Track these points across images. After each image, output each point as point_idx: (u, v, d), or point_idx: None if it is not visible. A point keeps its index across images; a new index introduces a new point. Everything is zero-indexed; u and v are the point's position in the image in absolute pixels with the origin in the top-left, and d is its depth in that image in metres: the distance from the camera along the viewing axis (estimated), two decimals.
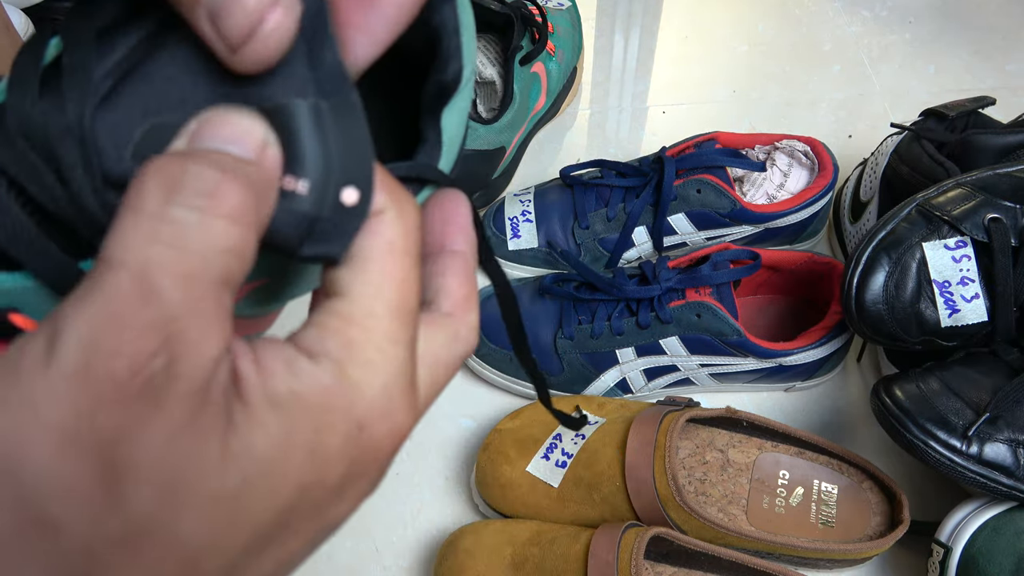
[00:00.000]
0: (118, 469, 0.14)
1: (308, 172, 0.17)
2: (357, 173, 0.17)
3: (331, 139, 0.17)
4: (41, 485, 0.14)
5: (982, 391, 0.50)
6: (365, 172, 0.18)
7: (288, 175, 0.17)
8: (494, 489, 0.56)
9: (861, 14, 0.96)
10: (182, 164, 0.15)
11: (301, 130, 0.17)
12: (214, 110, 0.16)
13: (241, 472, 0.16)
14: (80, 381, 0.14)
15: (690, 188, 0.65)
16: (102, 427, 0.14)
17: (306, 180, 0.17)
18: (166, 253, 0.15)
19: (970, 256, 0.51)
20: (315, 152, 0.17)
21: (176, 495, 0.15)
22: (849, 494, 0.56)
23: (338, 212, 0.17)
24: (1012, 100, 0.84)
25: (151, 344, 0.14)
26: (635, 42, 0.94)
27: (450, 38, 0.20)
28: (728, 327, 0.58)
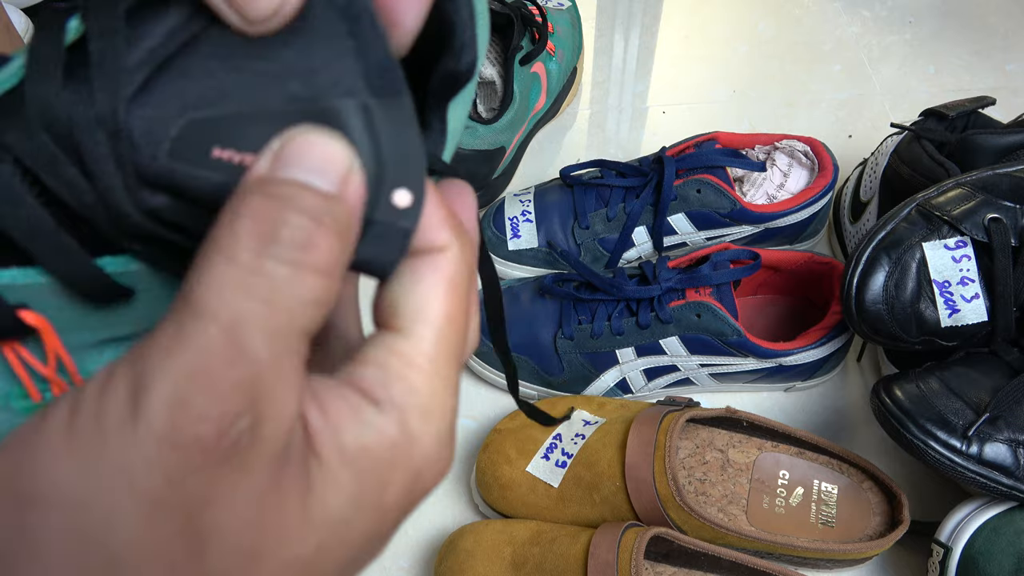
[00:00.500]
0: (203, 536, 0.14)
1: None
2: (409, 175, 0.17)
3: (382, 139, 0.17)
4: (131, 553, 0.14)
5: (982, 391, 0.50)
6: (417, 174, 0.17)
7: None
8: (494, 489, 0.56)
9: (861, 14, 0.96)
10: (278, 211, 0.15)
11: (351, 131, 0.16)
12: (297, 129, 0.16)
13: (317, 536, 0.15)
14: (170, 446, 0.14)
15: (690, 188, 0.65)
16: (190, 493, 0.14)
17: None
18: (258, 309, 0.14)
19: (970, 256, 0.51)
20: (366, 153, 0.16)
21: (257, 562, 0.15)
22: (849, 494, 0.56)
23: (390, 214, 0.17)
24: (1012, 100, 0.84)
25: (238, 405, 0.14)
26: (635, 42, 0.94)
27: (465, 28, 0.19)
28: (728, 327, 0.58)
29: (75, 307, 0.18)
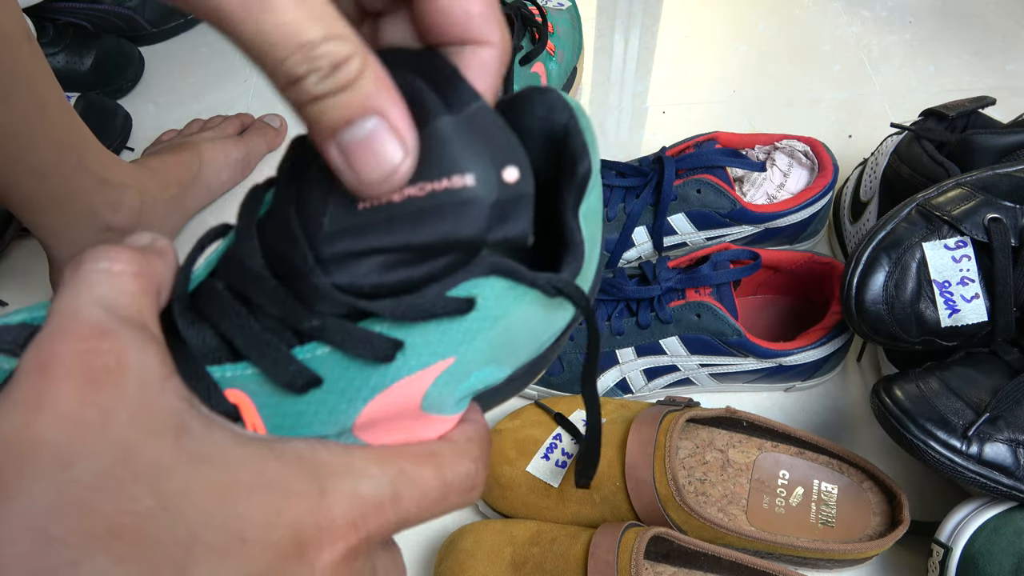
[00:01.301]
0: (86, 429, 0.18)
1: (468, 167, 0.20)
2: (510, 155, 0.21)
3: (477, 137, 0.21)
4: None
5: (982, 391, 0.50)
6: (516, 152, 0.21)
7: (455, 175, 0.20)
8: (494, 489, 0.56)
9: (861, 14, 0.96)
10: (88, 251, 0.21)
11: (447, 139, 0.20)
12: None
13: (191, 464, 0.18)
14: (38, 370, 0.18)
15: (690, 188, 0.65)
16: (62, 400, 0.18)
17: (470, 173, 0.20)
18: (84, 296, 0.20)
19: (970, 256, 0.51)
20: (466, 150, 0.21)
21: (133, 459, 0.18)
22: (849, 494, 0.56)
23: (506, 190, 0.21)
24: (1012, 100, 0.84)
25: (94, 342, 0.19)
26: (635, 42, 0.94)
27: (576, 139, 0.24)
28: (728, 327, 0.58)
29: (276, 401, 0.22)
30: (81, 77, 0.86)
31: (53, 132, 0.59)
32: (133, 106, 0.87)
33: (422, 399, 0.23)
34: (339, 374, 0.22)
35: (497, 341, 0.23)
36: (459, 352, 0.23)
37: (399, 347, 0.22)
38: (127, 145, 0.84)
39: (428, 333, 0.22)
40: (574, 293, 0.24)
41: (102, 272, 0.20)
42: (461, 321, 0.22)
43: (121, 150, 0.83)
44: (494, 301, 0.22)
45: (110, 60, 0.88)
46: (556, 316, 0.25)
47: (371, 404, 0.22)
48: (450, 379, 0.23)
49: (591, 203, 0.25)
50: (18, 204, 0.61)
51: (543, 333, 0.25)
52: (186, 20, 0.96)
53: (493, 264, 0.22)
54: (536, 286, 0.23)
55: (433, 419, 0.24)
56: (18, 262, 0.77)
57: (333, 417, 0.22)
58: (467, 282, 0.22)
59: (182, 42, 0.95)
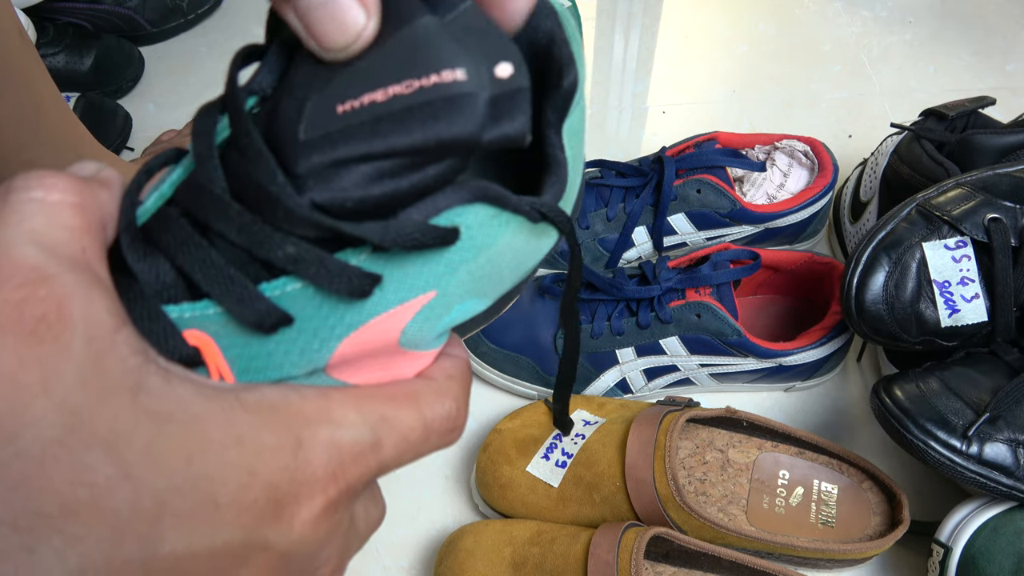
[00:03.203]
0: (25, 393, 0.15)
1: (458, 61, 0.19)
2: (502, 50, 0.20)
3: (467, 35, 0.19)
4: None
5: (982, 391, 0.50)
6: (509, 48, 0.20)
7: (445, 70, 0.19)
8: (494, 489, 0.56)
9: (861, 14, 0.96)
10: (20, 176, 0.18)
11: (434, 36, 0.19)
12: None
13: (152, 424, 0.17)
14: None
15: (690, 188, 0.65)
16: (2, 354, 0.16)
17: (460, 68, 0.19)
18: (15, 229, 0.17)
19: (970, 256, 0.51)
20: (455, 46, 0.19)
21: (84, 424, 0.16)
22: (849, 494, 0.56)
23: (500, 85, 0.19)
24: (1012, 100, 0.84)
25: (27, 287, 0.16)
26: (635, 42, 0.94)
27: (561, 48, 0.22)
28: (728, 327, 0.58)
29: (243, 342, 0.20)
30: (81, 77, 0.86)
31: (49, 129, 0.59)
32: (133, 106, 0.87)
33: (400, 335, 0.22)
34: (312, 312, 0.20)
35: (480, 272, 0.22)
36: (440, 285, 0.21)
37: (377, 281, 0.20)
38: (127, 145, 0.84)
39: (408, 266, 0.20)
40: (559, 218, 0.22)
41: (35, 202, 0.17)
42: (443, 252, 0.21)
43: (121, 150, 0.83)
44: (478, 230, 0.21)
45: (110, 60, 0.88)
46: (540, 242, 0.24)
47: (346, 342, 0.21)
48: (431, 314, 0.22)
49: (575, 120, 0.23)
50: None
51: (526, 260, 0.24)
52: (186, 20, 0.96)
53: (478, 189, 0.20)
54: (521, 212, 0.21)
55: (411, 355, 0.23)
56: None
57: (305, 357, 0.21)
58: (450, 210, 0.20)
59: (182, 42, 0.95)
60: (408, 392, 0.22)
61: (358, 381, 0.22)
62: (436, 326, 0.22)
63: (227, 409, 0.18)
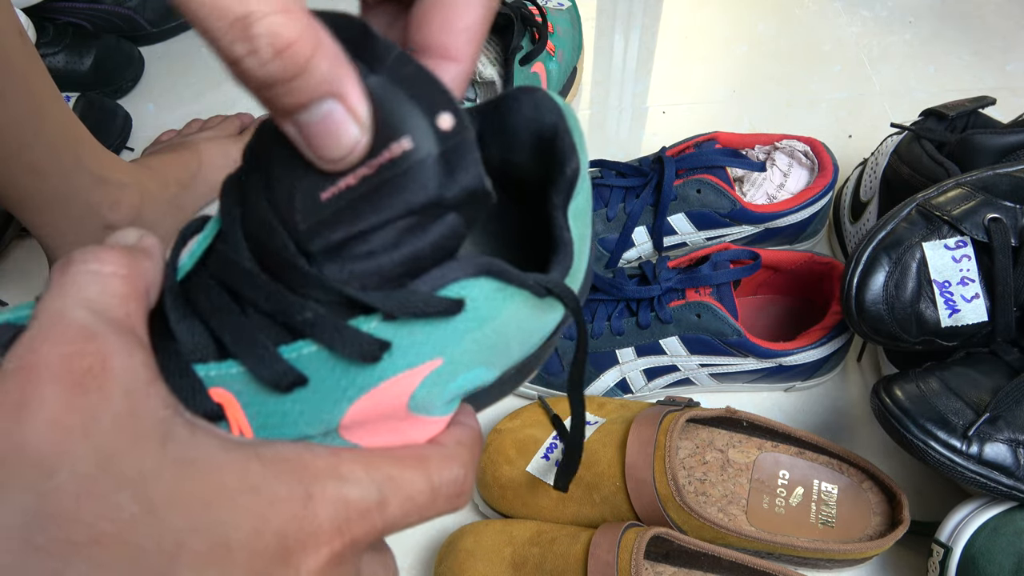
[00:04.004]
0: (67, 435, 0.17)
1: (403, 128, 0.20)
2: (439, 99, 0.20)
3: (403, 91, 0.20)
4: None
5: (982, 391, 0.50)
6: (445, 98, 0.20)
7: (393, 143, 0.20)
8: (494, 489, 0.56)
9: (861, 14, 0.96)
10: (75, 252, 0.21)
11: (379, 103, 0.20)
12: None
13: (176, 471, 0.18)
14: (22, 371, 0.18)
15: (690, 188, 0.65)
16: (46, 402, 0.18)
17: (406, 136, 0.20)
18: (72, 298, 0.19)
19: (970, 256, 0.51)
20: (397, 110, 0.20)
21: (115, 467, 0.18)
22: (849, 494, 0.56)
23: (445, 140, 0.20)
24: (1012, 100, 0.84)
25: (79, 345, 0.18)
26: (635, 42, 0.94)
27: (564, 139, 0.24)
28: (728, 327, 0.58)
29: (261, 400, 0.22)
30: (81, 77, 0.86)
31: (49, 129, 0.59)
32: (133, 106, 0.87)
33: (409, 399, 0.23)
34: (325, 374, 0.22)
35: (486, 342, 0.23)
36: (447, 353, 0.23)
37: (386, 347, 0.21)
38: (127, 145, 0.84)
39: (415, 334, 0.22)
40: (564, 293, 0.24)
41: (91, 274, 0.20)
42: (449, 322, 0.22)
43: (121, 150, 0.83)
44: (483, 302, 0.22)
45: (110, 60, 0.88)
46: (546, 317, 0.25)
47: (357, 404, 0.22)
48: (438, 380, 0.23)
49: (580, 203, 0.25)
50: (16, 203, 0.61)
51: (533, 334, 0.25)
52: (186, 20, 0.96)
53: (483, 264, 0.22)
54: (526, 286, 0.23)
55: (421, 420, 0.24)
56: (18, 262, 0.77)
57: (318, 416, 0.22)
58: (456, 283, 0.21)
59: (182, 42, 0.95)
60: (417, 456, 0.23)
61: (370, 444, 0.23)
62: (443, 392, 0.23)
63: (244, 460, 0.19)
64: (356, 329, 0.21)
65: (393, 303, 0.21)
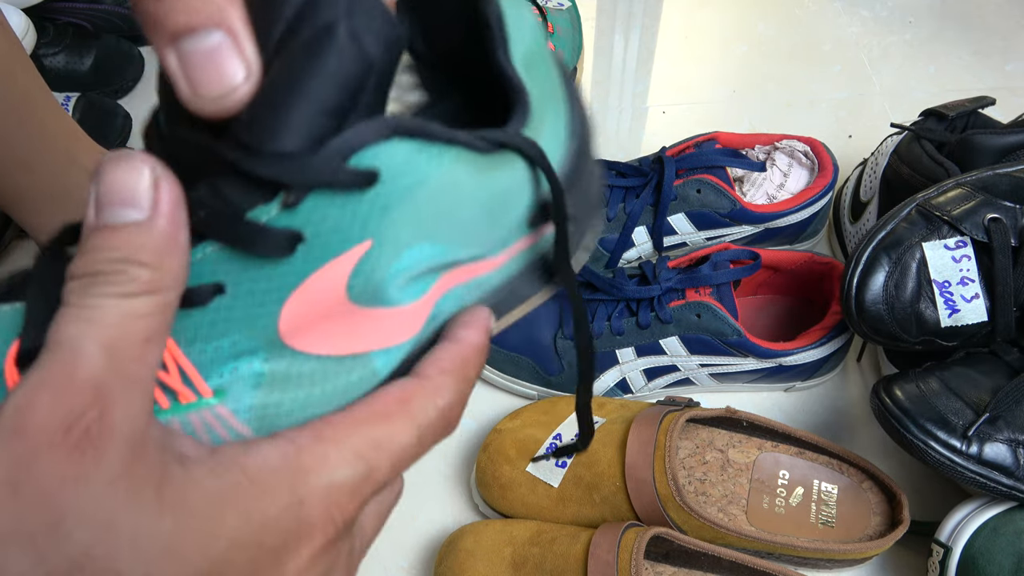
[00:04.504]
0: (61, 511, 0.17)
1: None
2: None
3: None
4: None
5: (982, 391, 0.50)
6: None
7: None
8: (494, 489, 0.56)
9: (861, 14, 0.96)
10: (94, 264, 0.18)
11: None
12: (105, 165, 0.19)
13: (173, 516, 0.18)
14: (17, 436, 0.17)
15: (690, 188, 0.65)
16: (41, 474, 0.17)
17: None
18: (86, 329, 0.18)
19: (970, 256, 0.51)
20: None
21: (112, 532, 0.17)
22: (849, 494, 0.56)
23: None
24: (1012, 100, 0.84)
25: (82, 402, 0.17)
26: (635, 42, 0.94)
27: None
28: (728, 327, 0.58)
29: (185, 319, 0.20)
30: (81, 77, 0.86)
31: (36, 123, 0.58)
32: (133, 106, 0.87)
33: (347, 291, 0.21)
34: (240, 277, 0.20)
35: (422, 214, 0.20)
36: (375, 233, 0.20)
37: (297, 239, 0.19)
38: (127, 145, 0.84)
39: (328, 218, 0.19)
40: (519, 143, 0.21)
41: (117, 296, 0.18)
42: (365, 197, 0.19)
43: None
44: (401, 168, 0.19)
45: (110, 60, 0.88)
46: (500, 175, 0.21)
47: (288, 306, 0.20)
48: (375, 264, 0.21)
49: (528, 46, 0.22)
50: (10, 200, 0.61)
51: (488, 197, 0.22)
52: None
53: (390, 124, 0.19)
54: (456, 143, 0.20)
55: (378, 313, 0.22)
56: (18, 262, 0.77)
57: (250, 324, 0.20)
58: (365, 151, 0.19)
59: None
60: (398, 399, 0.22)
61: (325, 349, 0.22)
62: (390, 277, 0.21)
63: (235, 485, 0.19)
64: (255, 222, 0.19)
65: (292, 172, 0.18)
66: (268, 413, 0.22)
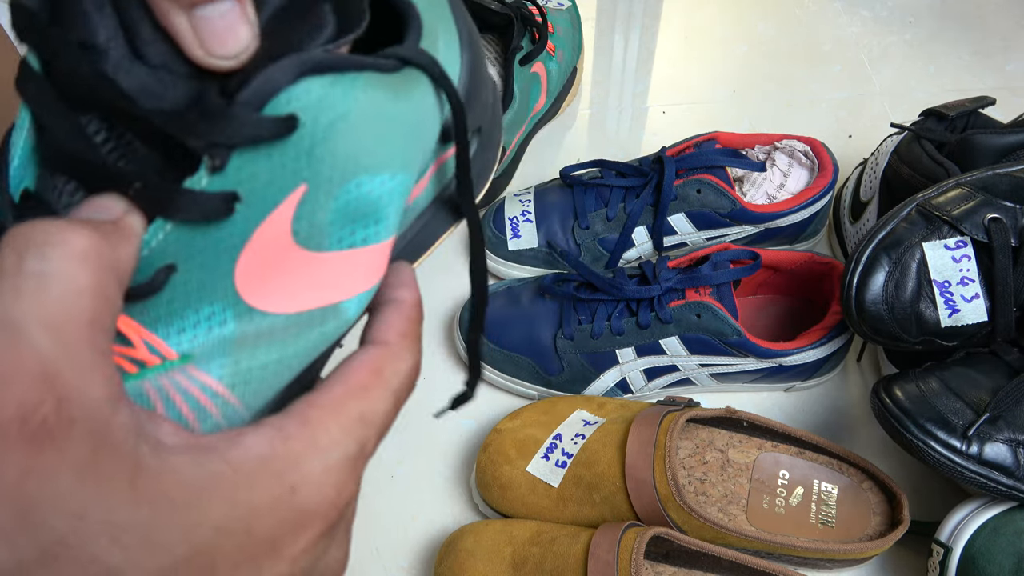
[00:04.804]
0: (28, 502, 0.16)
1: None
2: None
3: None
4: None
5: (982, 391, 0.50)
6: None
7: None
8: (494, 489, 0.56)
9: (861, 14, 0.96)
10: (32, 226, 0.17)
11: None
12: None
13: (150, 506, 0.17)
14: None
15: (690, 188, 0.65)
16: (4, 468, 0.16)
17: None
18: (31, 308, 0.16)
19: (970, 256, 0.51)
20: None
21: (86, 522, 0.16)
22: (849, 494, 0.56)
23: None
24: (1012, 100, 0.84)
25: (34, 391, 0.16)
26: (635, 42, 0.94)
27: None
28: (728, 327, 0.58)
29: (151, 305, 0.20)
30: None
31: None
32: None
33: (292, 237, 0.20)
34: (186, 250, 0.19)
35: (351, 147, 0.20)
36: (306, 176, 0.20)
37: (234, 199, 0.19)
38: None
39: (259, 173, 0.19)
40: (417, 57, 0.21)
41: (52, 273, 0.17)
42: (288, 142, 0.19)
43: None
44: (320, 106, 0.19)
45: None
46: (414, 94, 0.21)
47: (241, 265, 0.20)
48: (315, 206, 0.20)
49: None
50: None
51: (413, 116, 0.21)
52: None
53: (301, 63, 0.19)
54: (365, 67, 0.19)
55: (330, 256, 0.22)
56: None
57: (208, 292, 0.20)
58: (279, 95, 0.18)
59: None
60: (372, 370, 0.23)
61: (290, 306, 0.22)
62: (328, 216, 0.21)
63: (217, 475, 0.18)
64: (191, 190, 0.19)
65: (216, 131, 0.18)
66: (244, 370, 0.21)
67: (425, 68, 0.21)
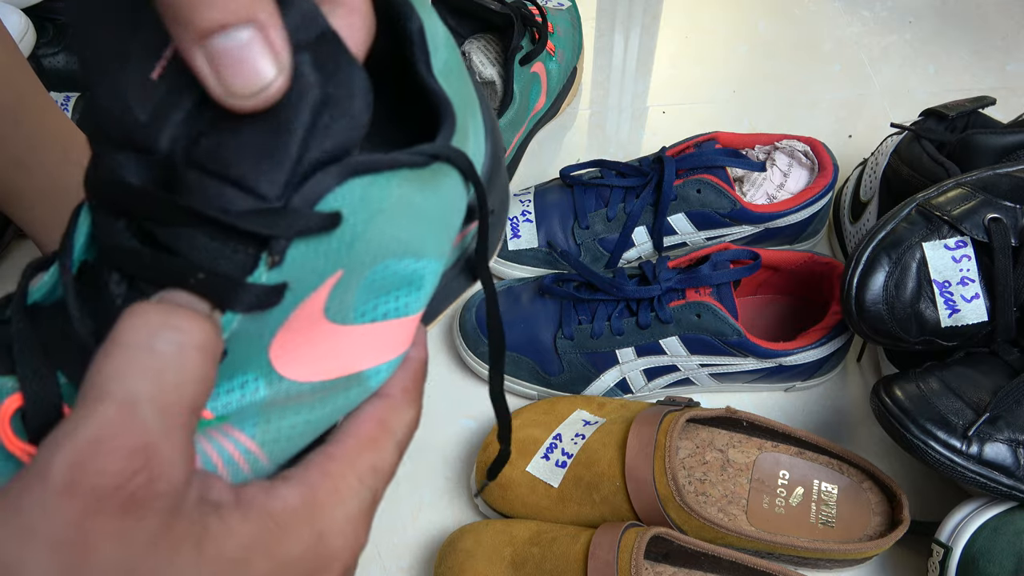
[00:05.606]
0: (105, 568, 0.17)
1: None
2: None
3: None
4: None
5: (982, 391, 0.50)
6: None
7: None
8: (494, 489, 0.56)
9: (861, 14, 0.96)
10: (157, 307, 0.19)
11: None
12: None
13: (212, 565, 0.19)
14: (69, 496, 0.17)
15: (690, 188, 0.65)
16: (91, 533, 0.17)
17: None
18: (149, 387, 0.18)
19: (970, 256, 0.51)
20: None
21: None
22: (849, 494, 0.56)
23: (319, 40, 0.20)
24: (1012, 100, 0.84)
25: (135, 464, 0.17)
26: (635, 42, 0.94)
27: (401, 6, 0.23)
28: (728, 327, 0.58)
29: None
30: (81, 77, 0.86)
31: (31, 123, 0.58)
32: None
33: (324, 314, 0.22)
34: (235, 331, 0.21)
35: (383, 237, 0.22)
36: (344, 263, 0.22)
37: (283, 288, 0.21)
38: None
39: (306, 262, 0.21)
40: (449, 153, 0.22)
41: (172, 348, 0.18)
42: (331, 235, 0.21)
43: None
44: (361, 204, 0.21)
45: None
46: (444, 185, 0.23)
47: (276, 340, 0.22)
48: (346, 287, 0.22)
49: (444, 60, 0.23)
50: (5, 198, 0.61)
51: (439, 207, 0.23)
52: None
53: (347, 168, 0.20)
54: (399, 165, 0.21)
55: (355, 330, 0.23)
56: (18, 262, 0.77)
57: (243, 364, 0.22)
58: (328, 196, 0.20)
59: None
60: (379, 422, 0.24)
61: (317, 375, 0.23)
62: (355, 295, 0.23)
63: (263, 528, 0.20)
64: (253, 284, 0.20)
65: (279, 227, 0.20)
66: (275, 430, 0.23)
67: (457, 164, 0.23)
